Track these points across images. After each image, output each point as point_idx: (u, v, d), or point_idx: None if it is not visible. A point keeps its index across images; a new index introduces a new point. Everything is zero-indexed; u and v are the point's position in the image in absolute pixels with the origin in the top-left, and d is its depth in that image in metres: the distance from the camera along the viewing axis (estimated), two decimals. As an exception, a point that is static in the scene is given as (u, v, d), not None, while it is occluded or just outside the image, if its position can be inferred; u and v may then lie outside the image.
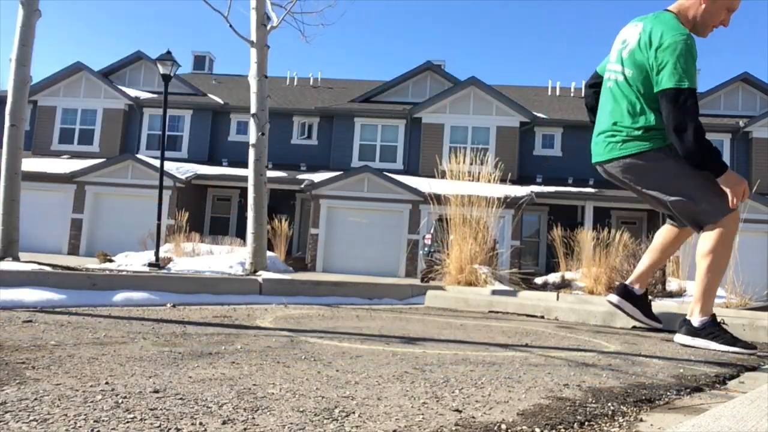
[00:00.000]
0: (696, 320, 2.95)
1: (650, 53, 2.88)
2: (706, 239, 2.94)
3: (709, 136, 2.92)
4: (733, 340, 2.88)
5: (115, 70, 24.70)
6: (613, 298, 3.33)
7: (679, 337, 3.02)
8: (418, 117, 21.84)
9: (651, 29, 2.92)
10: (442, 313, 4.44)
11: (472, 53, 79.77)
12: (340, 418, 1.21)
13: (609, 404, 1.47)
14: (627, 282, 3.37)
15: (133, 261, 12.17)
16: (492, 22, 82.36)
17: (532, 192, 18.78)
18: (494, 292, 6.49)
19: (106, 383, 1.40)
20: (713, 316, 2.96)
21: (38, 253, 13.93)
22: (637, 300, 3.31)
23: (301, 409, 1.26)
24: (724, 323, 3.01)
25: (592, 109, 3.35)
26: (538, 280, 12.32)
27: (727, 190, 2.90)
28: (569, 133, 22.33)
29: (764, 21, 68.42)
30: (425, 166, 20.99)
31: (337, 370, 1.74)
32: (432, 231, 13.11)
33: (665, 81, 2.82)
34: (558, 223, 13.64)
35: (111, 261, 12.38)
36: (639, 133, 2.97)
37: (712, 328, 2.92)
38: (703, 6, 2.97)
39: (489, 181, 8.69)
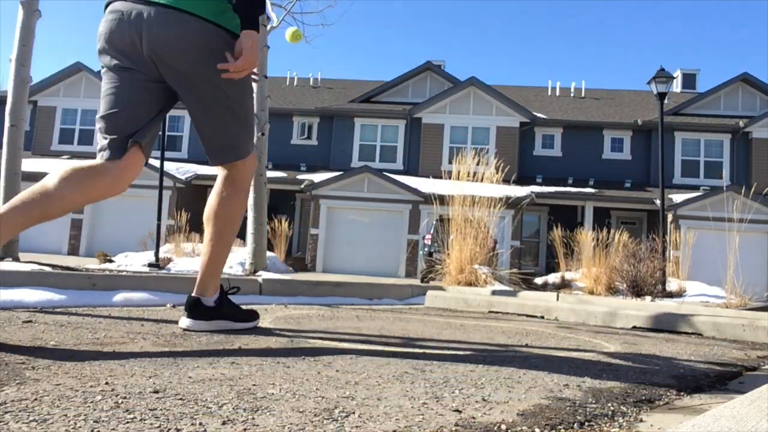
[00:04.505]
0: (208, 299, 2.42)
1: None
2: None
3: (709, 136, 2.93)
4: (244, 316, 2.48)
5: (115, 70, 24.72)
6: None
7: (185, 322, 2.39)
8: (418, 117, 21.84)
9: None
10: (442, 313, 4.44)
11: (472, 53, 79.77)
12: (340, 418, 1.21)
13: (609, 404, 1.47)
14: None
15: (133, 261, 12.16)
16: (492, 22, 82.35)
17: (532, 192, 18.79)
18: (494, 293, 6.49)
19: (106, 383, 1.40)
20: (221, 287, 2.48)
21: (38, 253, 13.92)
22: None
23: (300, 410, 1.26)
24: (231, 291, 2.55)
25: None
26: (538, 281, 12.31)
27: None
28: (569, 133, 22.34)
29: (764, 21, 68.39)
30: (425, 166, 21.01)
31: (336, 371, 1.74)
32: (432, 231, 13.11)
33: None
34: (558, 224, 13.64)
35: (111, 261, 12.37)
36: None
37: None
38: None
39: (489, 182, 8.69)
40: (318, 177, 20.13)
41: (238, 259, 10.55)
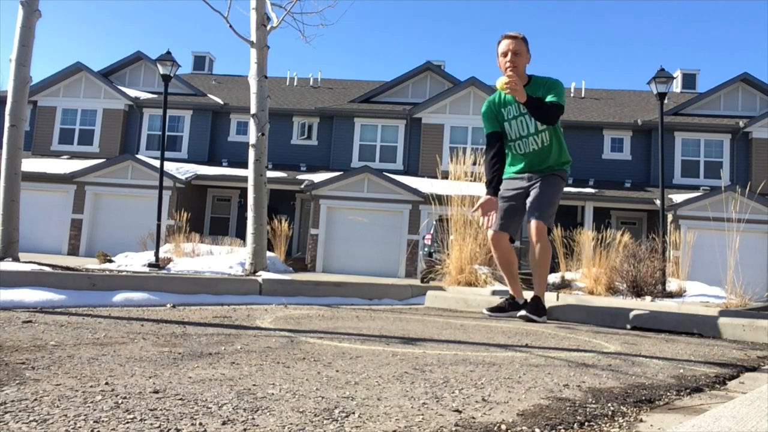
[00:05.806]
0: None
1: None
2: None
3: (709, 136, 2.93)
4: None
5: (115, 70, 24.69)
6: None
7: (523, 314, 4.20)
8: (418, 117, 21.84)
9: None
10: (442, 313, 4.44)
11: (472, 53, 79.81)
12: (340, 418, 1.21)
13: (609, 405, 1.47)
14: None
15: (133, 261, 12.17)
16: (492, 22, 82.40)
17: (532, 192, 18.78)
18: (494, 293, 6.47)
19: (106, 383, 1.40)
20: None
21: (38, 254, 13.93)
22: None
23: (301, 410, 1.26)
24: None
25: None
26: (538, 281, 12.25)
27: None
28: (569, 133, 22.31)
29: (764, 21, 68.41)
30: (425, 167, 20.99)
31: (337, 371, 1.74)
32: (432, 231, 13.11)
33: None
34: (558, 224, 13.61)
35: (111, 261, 12.37)
36: None
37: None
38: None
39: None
40: (318, 177, 20.14)
41: (238, 260, 10.55)
